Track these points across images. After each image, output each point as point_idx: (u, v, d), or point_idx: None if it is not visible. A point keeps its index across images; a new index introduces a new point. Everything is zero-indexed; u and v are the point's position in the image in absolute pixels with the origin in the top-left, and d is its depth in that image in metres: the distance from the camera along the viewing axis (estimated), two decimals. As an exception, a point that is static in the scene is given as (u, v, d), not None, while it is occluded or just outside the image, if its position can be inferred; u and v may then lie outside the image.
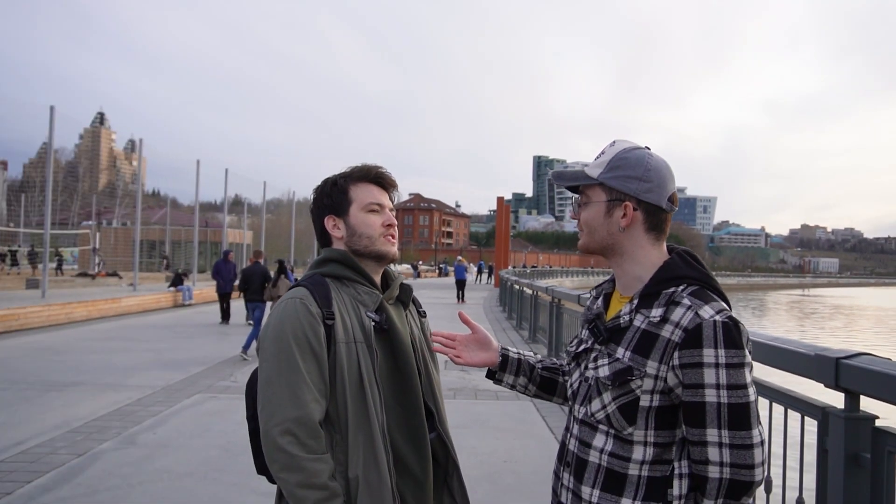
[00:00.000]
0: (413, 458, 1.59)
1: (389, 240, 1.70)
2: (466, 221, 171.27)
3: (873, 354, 2.40)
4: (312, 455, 1.44)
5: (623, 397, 1.34)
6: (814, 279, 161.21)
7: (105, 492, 4.30)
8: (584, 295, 7.96)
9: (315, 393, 1.48)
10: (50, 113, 16.45)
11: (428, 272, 63.59)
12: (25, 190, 36.76)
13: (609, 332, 1.41)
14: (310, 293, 1.57)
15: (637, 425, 1.34)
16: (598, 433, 1.39)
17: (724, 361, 1.26)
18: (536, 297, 12.92)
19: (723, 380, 1.26)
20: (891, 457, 2.25)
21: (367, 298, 1.63)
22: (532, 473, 4.85)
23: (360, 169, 1.73)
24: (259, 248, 15.73)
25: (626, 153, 1.43)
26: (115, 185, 55.38)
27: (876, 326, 36.25)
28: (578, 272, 64.05)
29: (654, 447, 1.34)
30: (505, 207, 40.95)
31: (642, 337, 1.34)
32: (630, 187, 1.40)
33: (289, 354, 1.49)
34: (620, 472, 1.34)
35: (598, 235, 1.46)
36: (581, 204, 1.49)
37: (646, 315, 1.35)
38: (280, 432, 1.44)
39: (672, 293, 1.35)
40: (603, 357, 1.40)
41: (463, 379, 8.59)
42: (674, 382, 1.31)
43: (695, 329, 1.28)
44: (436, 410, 1.68)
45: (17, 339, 11.55)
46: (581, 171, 1.47)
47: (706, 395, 1.27)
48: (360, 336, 1.57)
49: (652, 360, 1.32)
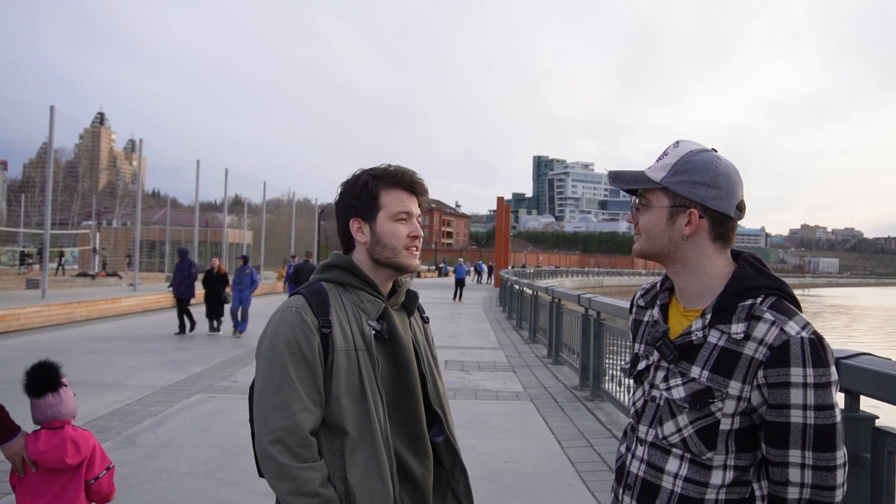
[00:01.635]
0: (414, 465, 1.59)
1: (412, 252, 1.66)
2: (466, 221, 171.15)
3: (873, 354, 2.40)
4: (303, 464, 1.44)
5: (702, 420, 1.27)
6: (814, 279, 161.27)
7: (105, 492, 4.30)
8: (585, 295, 7.95)
9: (306, 402, 1.48)
10: (50, 113, 16.43)
11: (428, 272, 63.53)
12: (25, 190, 36.67)
13: (679, 350, 1.33)
14: (306, 302, 1.56)
15: (717, 450, 1.27)
16: (672, 457, 1.31)
17: (812, 381, 1.20)
18: (536, 297, 12.92)
19: (810, 400, 1.20)
20: (891, 457, 2.25)
21: (369, 306, 1.62)
22: (532, 473, 4.85)
23: (394, 173, 1.65)
24: (310, 249, 17.17)
25: (692, 156, 1.33)
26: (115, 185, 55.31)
27: (876, 326, 36.22)
28: (578, 272, 64.01)
29: (735, 470, 1.27)
30: (505, 207, 40.93)
31: (722, 355, 1.26)
32: (696, 193, 1.31)
33: (281, 363, 1.49)
34: (696, 497, 1.27)
35: (658, 243, 1.36)
36: (639, 207, 1.39)
37: (723, 331, 1.27)
38: (270, 441, 1.45)
39: (751, 306, 1.26)
40: (675, 377, 1.32)
41: (463, 379, 8.58)
42: (758, 402, 1.24)
43: (781, 347, 1.20)
44: (443, 415, 1.69)
45: (17, 339, 11.55)
46: (641, 173, 1.37)
47: (791, 416, 1.21)
48: (360, 344, 1.56)
49: (735, 381, 1.24)
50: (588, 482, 4.61)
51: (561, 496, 4.40)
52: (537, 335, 12.60)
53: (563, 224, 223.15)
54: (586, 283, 58.77)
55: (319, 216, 41.50)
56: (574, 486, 4.57)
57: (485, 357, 10.64)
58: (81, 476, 2.56)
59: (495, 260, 35.47)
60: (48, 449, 2.48)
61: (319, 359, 1.51)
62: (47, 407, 2.63)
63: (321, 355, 1.52)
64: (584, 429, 6.09)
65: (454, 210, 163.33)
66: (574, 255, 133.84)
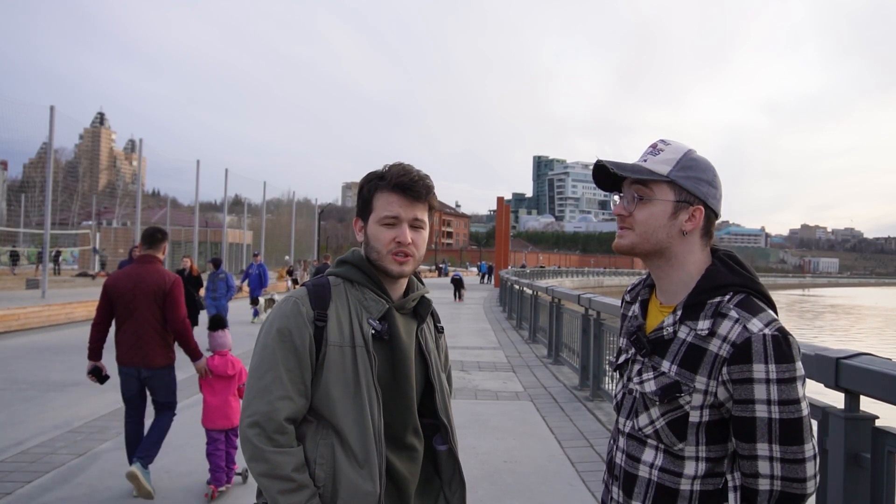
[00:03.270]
0: (398, 467, 1.58)
1: (398, 259, 1.61)
2: (466, 221, 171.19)
3: (873, 354, 2.40)
4: (277, 448, 1.48)
5: (672, 413, 1.32)
6: (814, 279, 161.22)
7: (105, 492, 4.30)
8: (585, 295, 7.95)
9: (289, 390, 1.51)
10: (50, 113, 16.45)
11: (429, 272, 63.57)
12: (25, 190, 36.69)
13: (652, 345, 1.37)
14: (307, 294, 1.60)
15: (688, 441, 1.31)
16: (648, 448, 1.36)
17: (774, 377, 1.23)
18: (536, 297, 12.91)
19: (774, 395, 1.23)
20: (891, 457, 2.25)
21: (372, 305, 1.61)
22: (532, 473, 4.85)
23: (389, 175, 1.63)
24: (327, 253, 18.25)
25: (692, 154, 1.36)
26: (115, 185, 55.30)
27: (877, 326, 36.21)
28: (578, 272, 64.01)
29: (707, 462, 1.31)
30: (505, 207, 40.92)
31: (689, 351, 1.30)
32: (701, 190, 1.34)
33: (272, 350, 1.53)
34: (672, 487, 1.32)
35: (655, 238, 1.36)
36: (638, 199, 1.36)
37: (691, 327, 1.31)
38: (248, 424, 1.50)
39: (718, 303, 1.30)
40: (647, 370, 1.37)
41: (463, 379, 8.58)
42: (724, 397, 1.28)
43: (743, 344, 1.24)
44: (449, 425, 1.68)
45: (17, 339, 11.54)
46: (640, 164, 1.37)
47: (756, 411, 1.24)
48: (360, 341, 1.57)
49: (700, 376, 1.28)
50: (588, 482, 4.61)
51: (561, 496, 4.40)
52: (537, 335, 12.60)
53: (563, 224, 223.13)
54: (586, 283, 58.74)
55: (319, 216, 41.48)
56: (574, 486, 4.57)
57: (485, 357, 10.64)
58: (236, 381, 4.45)
59: (495, 260, 35.48)
60: (218, 364, 4.41)
61: (310, 350, 1.54)
62: (219, 338, 4.49)
63: (312, 347, 1.54)
64: (584, 429, 6.09)
65: (454, 210, 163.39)
66: (574, 255, 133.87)
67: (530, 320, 13.41)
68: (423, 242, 1.66)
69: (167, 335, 4.36)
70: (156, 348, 4.30)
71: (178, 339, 4.38)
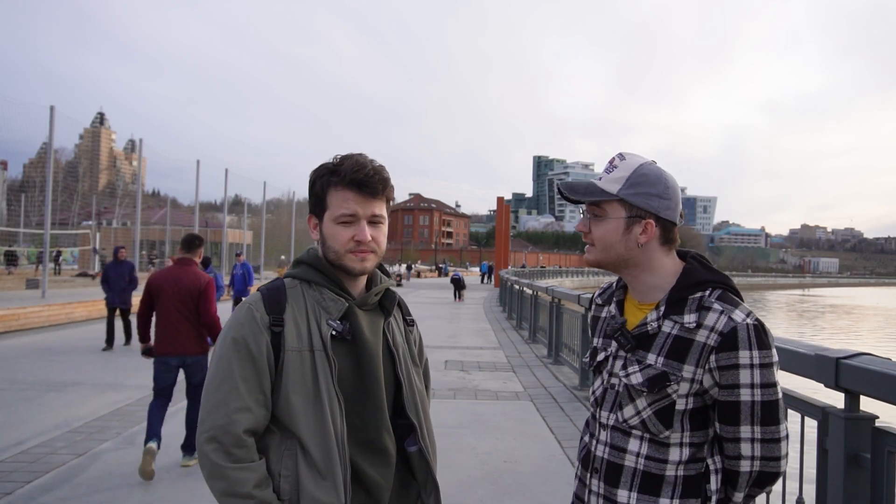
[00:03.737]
0: (370, 473, 1.50)
1: (357, 256, 1.53)
2: (466, 221, 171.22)
3: (873, 354, 2.40)
4: (237, 464, 1.40)
5: (659, 402, 1.39)
6: (814, 279, 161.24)
7: (105, 492, 4.30)
8: (585, 295, 7.95)
9: (247, 401, 1.43)
10: (50, 113, 16.46)
11: (429, 272, 63.59)
12: (25, 190, 36.74)
13: (636, 340, 1.44)
14: (261, 299, 1.52)
15: (673, 428, 1.39)
16: (633, 438, 1.42)
17: (758, 362, 1.33)
18: (536, 297, 12.92)
19: (757, 379, 1.33)
20: (891, 457, 2.25)
21: (331, 305, 1.53)
22: (532, 473, 4.85)
23: (342, 170, 1.53)
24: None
25: (643, 169, 1.43)
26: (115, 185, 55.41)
27: (877, 325, 36.22)
28: (577, 272, 63.97)
29: (690, 447, 1.40)
30: (505, 207, 40.94)
31: (676, 342, 1.38)
32: (651, 204, 1.42)
33: (226, 360, 1.46)
34: (657, 473, 1.39)
35: (614, 252, 1.45)
36: (593, 217, 1.47)
37: (676, 321, 1.39)
38: (206, 439, 1.42)
39: (700, 298, 1.39)
40: (632, 364, 1.43)
41: (463, 379, 8.58)
42: (709, 384, 1.36)
43: (730, 332, 1.33)
44: (418, 424, 1.59)
45: (17, 339, 11.54)
46: (593, 184, 1.45)
47: (741, 395, 1.33)
48: (318, 344, 1.49)
49: (688, 365, 1.36)
50: (588, 482, 4.60)
51: (561, 496, 4.40)
52: (537, 335, 12.60)
53: (563, 224, 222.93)
54: (586, 283, 58.71)
55: (319, 216, 41.42)
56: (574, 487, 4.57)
57: (485, 357, 10.64)
58: None
59: (495, 260, 35.50)
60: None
61: (268, 357, 1.46)
62: None
63: (270, 354, 1.46)
64: (584, 429, 6.09)
65: (454, 210, 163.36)
66: (574, 255, 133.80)
67: (530, 320, 13.40)
68: (383, 237, 1.58)
69: (200, 328, 5.05)
70: (191, 339, 5.01)
71: (208, 331, 5.10)
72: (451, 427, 6.09)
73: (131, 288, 11.11)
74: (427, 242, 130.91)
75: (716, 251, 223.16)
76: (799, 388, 3.00)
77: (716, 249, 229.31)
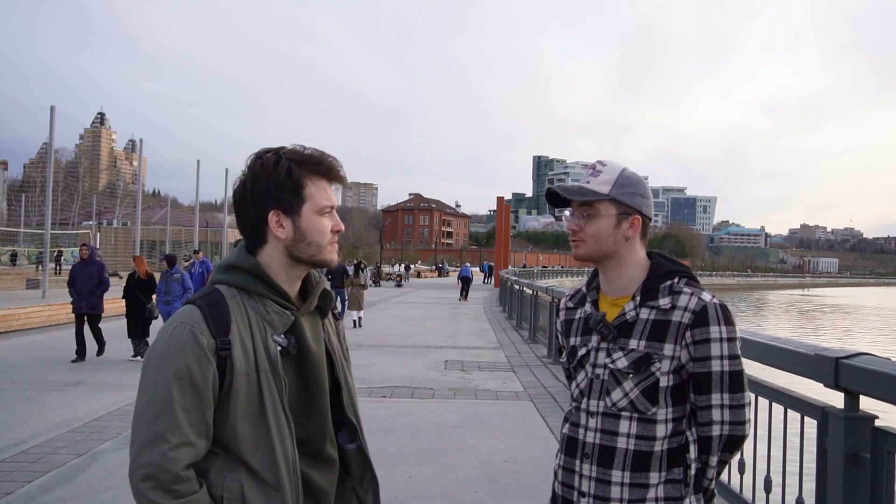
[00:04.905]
0: (318, 480, 1.47)
1: (334, 246, 1.52)
2: (466, 221, 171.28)
3: (873, 354, 2.40)
4: (178, 500, 1.30)
5: (645, 381, 1.53)
6: (813, 279, 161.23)
7: (105, 492, 4.30)
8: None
9: (188, 435, 1.32)
10: (50, 113, 16.49)
11: (429, 272, 63.60)
12: (26, 190, 36.76)
13: (617, 330, 1.59)
14: (202, 318, 1.37)
15: (659, 405, 1.53)
16: (623, 420, 1.55)
17: (725, 336, 1.51)
18: (536, 297, 12.92)
19: (725, 351, 1.51)
20: (891, 457, 2.25)
21: (276, 318, 1.43)
22: (532, 473, 4.85)
23: (318, 160, 1.48)
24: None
25: (626, 172, 1.63)
26: (115, 185, 55.45)
27: (877, 325, 36.23)
28: (578, 272, 63.98)
29: (672, 422, 1.55)
30: (505, 207, 40.97)
31: (654, 325, 1.55)
32: (637, 202, 1.62)
33: (165, 390, 1.32)
34: (647, 450, 1.53)
35: (605, 245, 1.62)
36: (587, 216, 1.63)
37: (653, 306, 1.56)
38: (141, 477, 1.30)
39: (670, 285, 1.58)
40: (616, 351, 1.58)
41: (463, 379, 8.58)
42: (685, 359, 1.53)
43: (701, 311, 1.52)
44: (357, 423, 1.57)
45: (17, 339, 11.56)
46: (585, 187, 1.62)
47: (712, 366, 1.51)
48: (264, 364, 1.39)
49: (668, 343, 1.53)
50: (588, 482, 4.61)
51: (561, 496, 4.40)
52: (537, 335, 12.61)
53: (562, 224, 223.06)
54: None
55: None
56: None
57: (485, 357, 10.64)
58: None
59: (495, 260, 35.53)
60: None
61: (213, 385, 1.35)
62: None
63: (216, 381, 1.36)
64: (584, 429, 6.09)
65: (454, 210, 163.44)
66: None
67: (530, 320, 13.41)
68: None
69: None
70: None
71: None
72: (451, 427, 6.09)
73: (101, 290, 9.82)
74: (427, 242, 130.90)
75: (715, 251, 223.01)
76: (799, 387, 3.00)
77: (715, 249, 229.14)
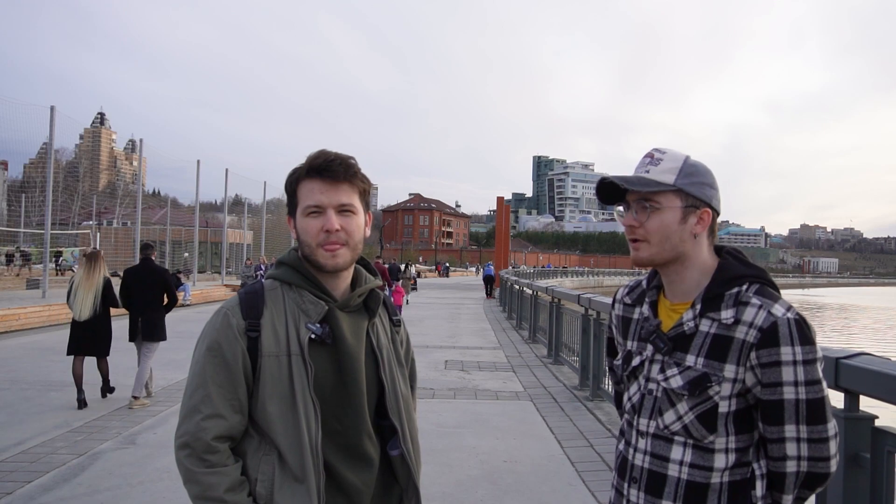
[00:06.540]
0: (350, 478, 1.48)
1: (329, 249, 1.49)
2: (466, 221, 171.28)
3: (873, 354, 2.40)
4: (209, 469, 1.40)
5: (701, 405, 1.34)
6: (813, 279, 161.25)
7: (105, 492, 4.30)
8: (585, 295, 7.95)
9: (219, 408, 1.43)
10: (50, 113, 16.46)
11: (429, 272, 63.62)
12: (26, 190, 36.67)
13: (673, 342, 1.39)
14: (238, 304, 1.50)
15: (718, 433, 1.34)
16: (675, 445, 1.37)
17: (801, 358, 1.28)
18: (536, 297, 12.92)
19: (801, 377, 1.28)
20: (891, 457, 2.25)
21: (310, 308, 1.49)
22: (532, 473, 4.85)
23: (308, 161, 1.53)
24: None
25: (692, 160, 1.42)
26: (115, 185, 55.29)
27: (876, 325, 36.21)
28: (578, 272, 64.03)
29: (735, 452, 1.34)
30: (505, 207, 40.91)
31: (715, 341, 1.34)
32: (706, 194, 1.40)
33: (201, 367, 1.46)
34: (703, 482, 1.34)
35: (670, 244, 1.39)
36: (650, 210, 1.40)
37: (714, 318, 1.34)
38: (179, 445, 1.43)
39: (737, 293, 1.35)
40: (671, 367, 1.38)
41: (463, 379, 8.58)
42: (752, 383, 1.32)
43: (770, 328, 1.29)
44: (401, 428, 1.55)
45: (17, 339, 11.56)
46: (645, 177, 1.40)
47: (784, 393, 1.29)
48: (295, 348, 1.46)
49: (729, 364, 1.32)
50: (588, 482, 4.61)
51: (561, 496, 4.40)
52: (537, 335, 12.61)
53: (563, 224, 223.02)
54: (586, 283, 58.76)
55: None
56: (574, 486, 4.57)
57: (485, 357, 10.64)
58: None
59: (495, 260, 35.47)
60: (397, 291, 15.39)
61: (244, 363, 1.45)
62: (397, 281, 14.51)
63: (247, 360, 1.45)
64: (584, 429, 6.09)
65: (454, 210, 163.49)
66: (574, 255, 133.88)
67: (530, 320, 13.41)
68: (356, 228, 1.53)
69: None
70: None
71: None
72: (451, 427, 6.09)
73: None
74: (427, 242, 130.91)
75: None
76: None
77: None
